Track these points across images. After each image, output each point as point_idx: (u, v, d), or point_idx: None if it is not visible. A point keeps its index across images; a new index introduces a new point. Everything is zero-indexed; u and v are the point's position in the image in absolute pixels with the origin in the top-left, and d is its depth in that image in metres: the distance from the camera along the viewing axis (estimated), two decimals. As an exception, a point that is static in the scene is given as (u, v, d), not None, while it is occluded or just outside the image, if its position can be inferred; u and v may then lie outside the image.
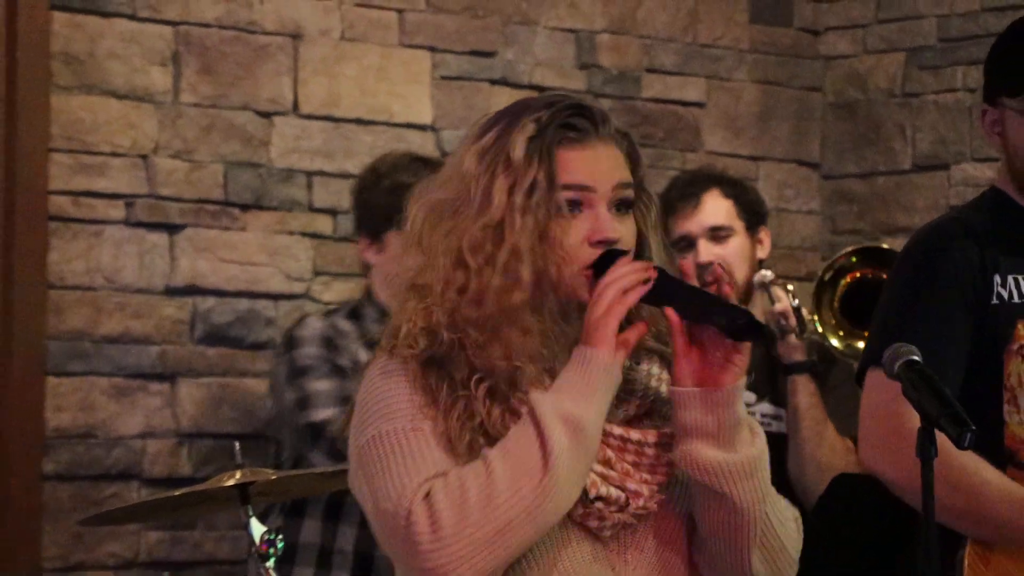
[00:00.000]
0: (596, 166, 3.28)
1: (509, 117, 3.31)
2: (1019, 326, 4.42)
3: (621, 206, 3.26)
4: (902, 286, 4.62)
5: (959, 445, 3.46)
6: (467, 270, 3.24)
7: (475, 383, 3.21)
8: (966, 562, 4.40)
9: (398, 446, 3.20)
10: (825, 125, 7.18)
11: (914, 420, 3.96)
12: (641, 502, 3.26)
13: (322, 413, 5.23)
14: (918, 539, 3.90)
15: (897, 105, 6.96)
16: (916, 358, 3.54)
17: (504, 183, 3.23)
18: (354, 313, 5.59)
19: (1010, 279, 4.46)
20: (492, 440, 3.17)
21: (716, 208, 5.55)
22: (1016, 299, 4.45)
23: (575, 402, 3.15)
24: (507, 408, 3.20)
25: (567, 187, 3.22)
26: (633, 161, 3.32)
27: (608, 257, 3.25)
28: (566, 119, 3.29)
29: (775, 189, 7.00)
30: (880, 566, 5.02)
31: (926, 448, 3.53)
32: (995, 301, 4.44)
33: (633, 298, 3.17)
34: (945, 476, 3.98)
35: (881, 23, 6.96)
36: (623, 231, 3.26)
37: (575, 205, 3.22)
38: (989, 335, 4.43)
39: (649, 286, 3.21)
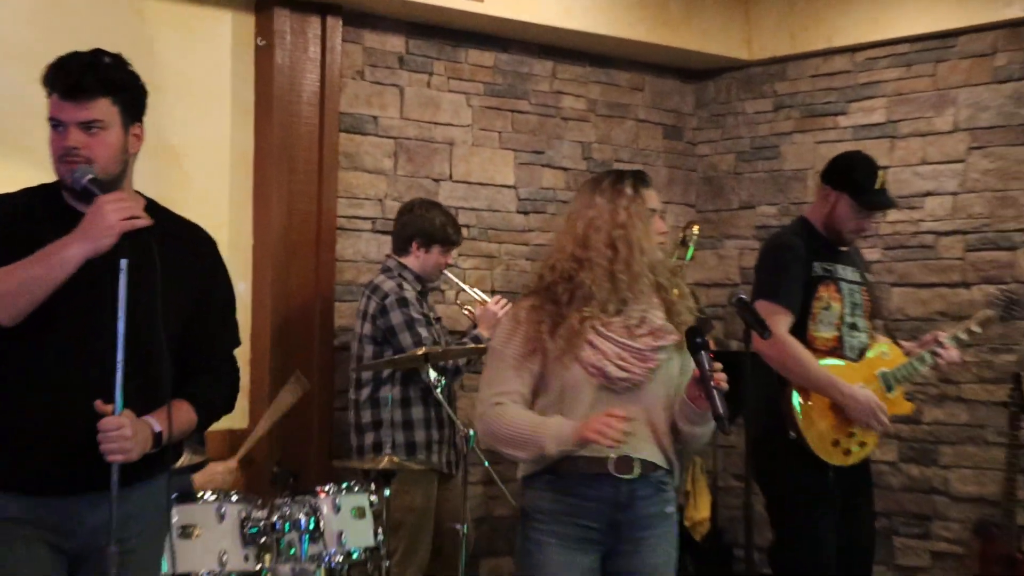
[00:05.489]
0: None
1: None
2: (819, 288, 4.59)
3: None
4: (773, 262, 4.63)
5: (763, 338, 3.75)
6: None
7: None
8: (792, 392, 4.52)
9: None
10: (698, 187, 7.12)
11: (778, 328, 4.33)
12: (636, 376, 3.39)
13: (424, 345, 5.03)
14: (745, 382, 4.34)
15: (733, 179, 6.99)
16: (743, 296, 3.78)
17: None
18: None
19: (816, 264, 4.61)
20: None
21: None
22: (819, 273, 4.60)
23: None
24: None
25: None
26: None
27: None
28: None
29: (672, 219, 6.90)
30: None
31: (748, 334, 3.82)
32: (813, 274, 4.59)
33: None
34: (790, 354, 4.49)
35: (724, 140, 6.99)
36: None
37: None
38: (808, 288, 4.58)
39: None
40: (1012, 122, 5.92)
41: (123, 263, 2.92)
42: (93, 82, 2.98)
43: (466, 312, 5.64)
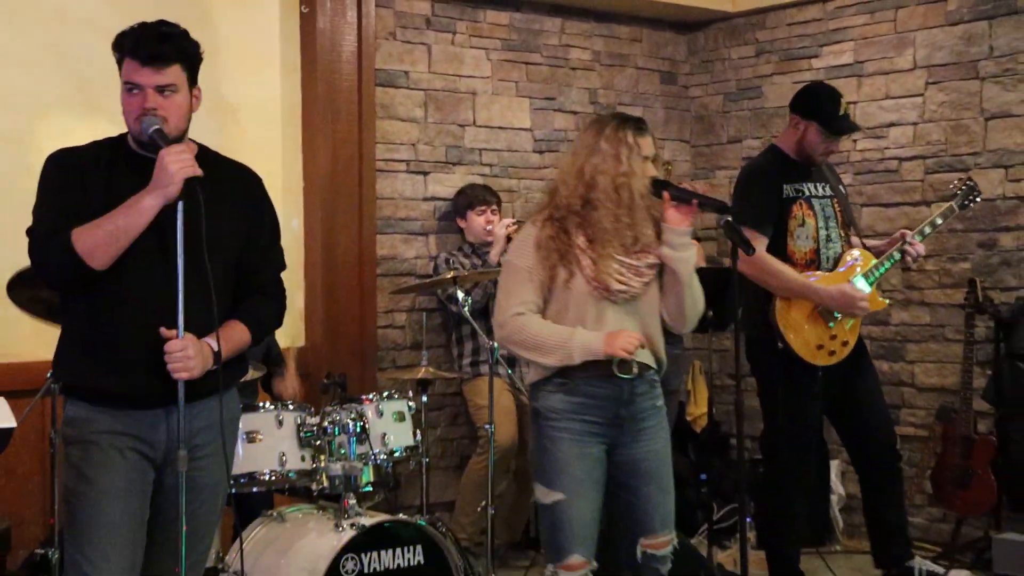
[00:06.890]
0: None
1: None
2: (793, 207, 4.52)
3: None
4: (744, 190, 4.53)
5: (748, 254, 3.55)
6: None
7: None
8: (776, 306, 4.47)
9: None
10: (691, 125, 6.99)
11: (756, 247, 4.02)
12: (634, 289, 3.42)
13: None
14: (728, 294, 4.66)
15: (722, 117, 6.88)
16: (730, 219, 3.50)
17: None
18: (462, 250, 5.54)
19: (787, 186, 4.53)
20: None
21: None
22: (790, 195, 4.52)
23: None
24: None
25: None
26: None
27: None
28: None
29: (668, 154, 6.85)
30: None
31: (735, 253, 3.57)
32: (784, 196, 4.51)
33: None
34: (766, 270, 4.40)
35: (713, 83, 6.88)
36: None
37: None
38: (782, 209, 4.51)
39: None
40: (963, 59, 5.84)
41: (180, 205, 2.94)
42: (170, 50, 2.98)
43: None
